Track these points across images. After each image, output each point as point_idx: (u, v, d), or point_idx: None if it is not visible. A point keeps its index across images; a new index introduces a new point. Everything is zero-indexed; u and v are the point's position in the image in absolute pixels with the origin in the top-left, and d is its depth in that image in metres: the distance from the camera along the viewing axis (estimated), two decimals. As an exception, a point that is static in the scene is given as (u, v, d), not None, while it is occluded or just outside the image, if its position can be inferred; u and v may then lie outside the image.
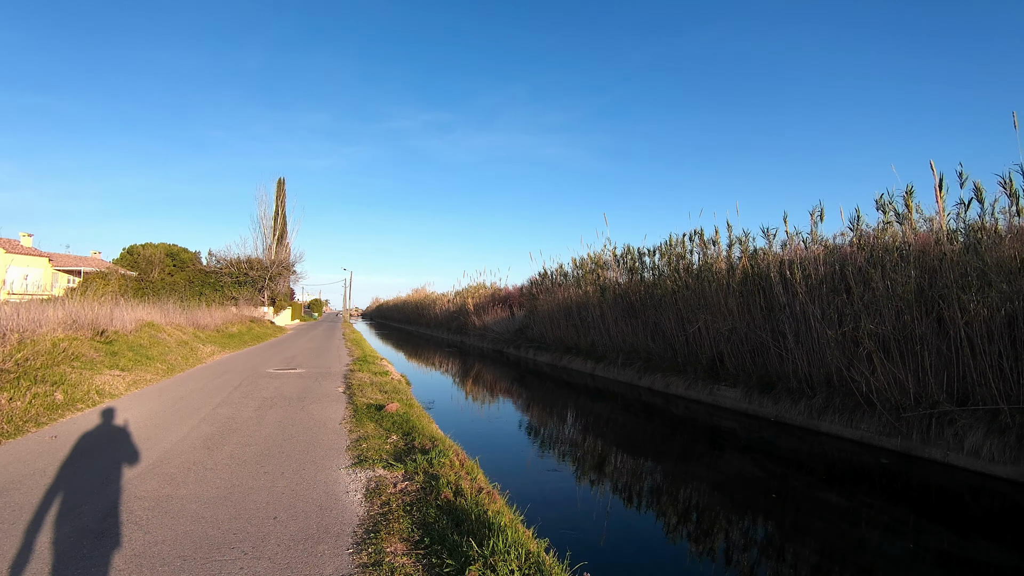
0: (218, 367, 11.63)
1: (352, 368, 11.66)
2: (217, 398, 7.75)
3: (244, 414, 6.68)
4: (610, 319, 16.41)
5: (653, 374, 13.92)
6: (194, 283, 31.65)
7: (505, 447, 7.99)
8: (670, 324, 13.77)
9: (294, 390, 8.64)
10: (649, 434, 9.61)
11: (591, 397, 13.32)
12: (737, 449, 8.63)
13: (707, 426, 10.25)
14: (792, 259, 10.00)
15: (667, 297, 13.78)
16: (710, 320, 12.03)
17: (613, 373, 15.75)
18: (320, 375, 10.65)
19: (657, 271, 14.93)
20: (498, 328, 27.24)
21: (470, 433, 8.55)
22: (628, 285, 15.89)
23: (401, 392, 8.77)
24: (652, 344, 14.79)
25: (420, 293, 53.06)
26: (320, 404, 7.48)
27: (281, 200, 35.28)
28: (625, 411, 11.56)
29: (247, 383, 9.28)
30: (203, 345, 14.23)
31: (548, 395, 13.81)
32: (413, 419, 6.43)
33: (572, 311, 19.05)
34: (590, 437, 9.22)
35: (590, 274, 18.04)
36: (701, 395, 12.15)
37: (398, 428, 6.00)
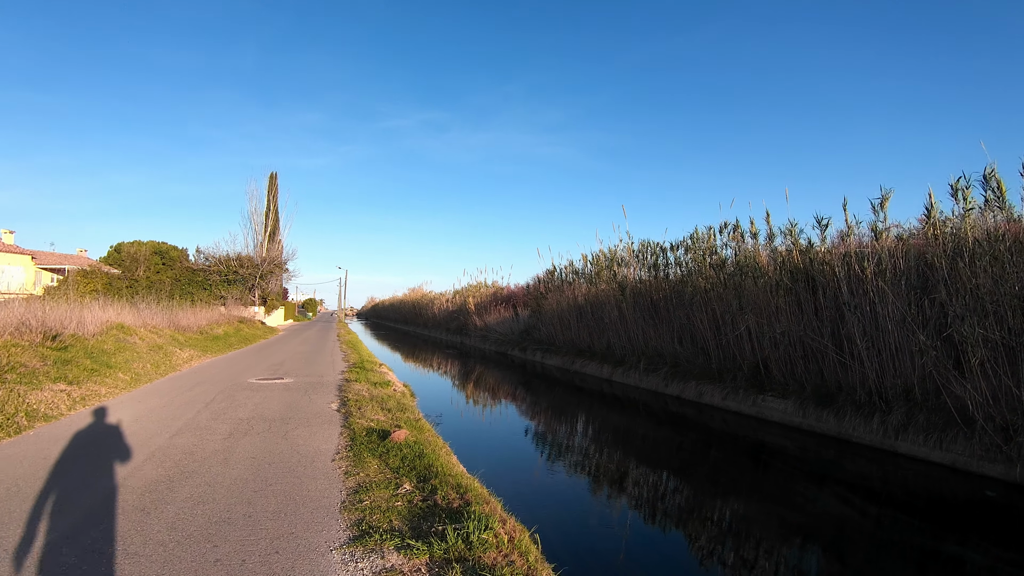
0: (193, 376, 10.03)
1: (348, 377, 10.10)
2: (180, 420, 6.18)
3: (208, 446, 5.13)
4: (630, 320, 14.93)
5: (683, 381, 12.44)
6: (181, 281, 29.89)
7: (545, 488, 6.48)
8: (702, 326, 12.30)
9: (278, 408, 7.08)
10: (714, 459, 8.10)
11: (616, 408, 11.82)
12: (804, 475, 7.16)
13: (757, 444, 8.79)
14: (862, 251, 8.54)
15: (699, 296, 12.32)
16: (754, 322, 10.58)
17: (634, 379, 14.28)
18: (311, 386, 9.09)
19: (684, 267, 13.46)
20: (501, 329, 25.72)
21: (493, 461, 7.03)
22: (651, 283, 14.42)
23: (407, 409, 7.23)
24: (679, 348, 13.33)
25: (417, 292, 51.42)
26: (308, 429, 5.93)
27: (273, 195, 33.57)
28: (661, 426, 10.06)
29: (222, 398, 7.71)
30: (180, 349, 12.61)
31: (568, 406, 12.30)
32: (428, 453, 4.91)
33: (585, 311, 17.56)
34: (637, 463, 7.71)
35: (606, 271, 16.55)
36: (743, 406, 10.70)
37: (410, 469, 4.48)
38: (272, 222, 32.80)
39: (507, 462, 7.22)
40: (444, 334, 36.64)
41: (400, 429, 5.64)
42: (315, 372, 11.01)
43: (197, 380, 9.47)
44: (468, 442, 7.83)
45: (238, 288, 28.29)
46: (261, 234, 31.58)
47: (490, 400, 12.87)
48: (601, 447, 8.62)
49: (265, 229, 32.22)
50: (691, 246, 13.74)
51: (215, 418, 6.35)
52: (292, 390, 8.59)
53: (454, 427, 8.95)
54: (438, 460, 4.78)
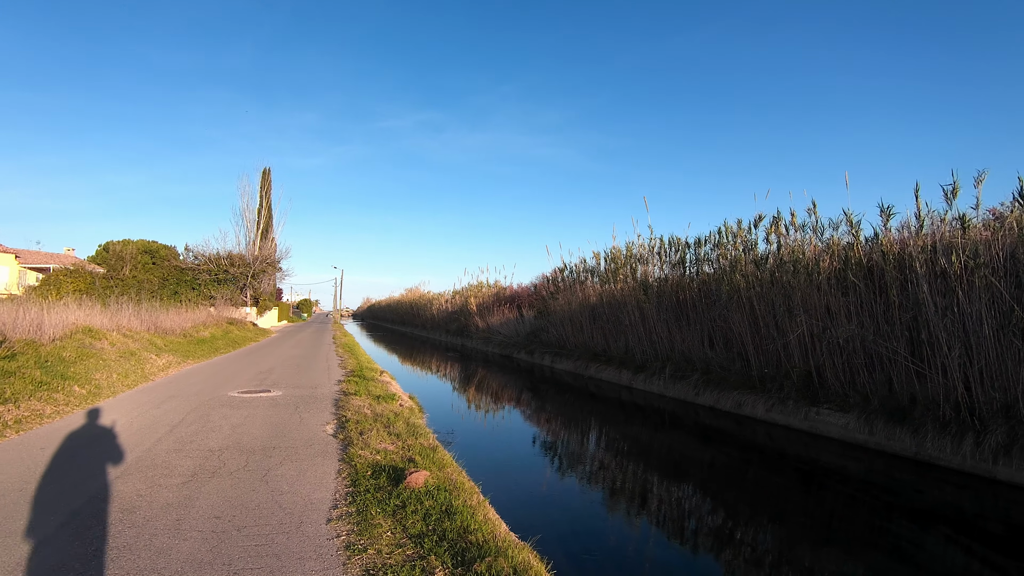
0: (165, 388, 8.62)
1: (345, 388, 8.73)
2: (133, 453, 4.80)
3: (159, 497, 3.76)
4: (653, 322, 13.64)
5: (718, 390, 11.14)
6: (169, 281, 28.33)
7: (595, 530, 5.14)
8: (740, 328, 11.02)
9: (260, 432, 5.70)
10: (777, 484, 6.76)
11: (648, 422, 10.47)
12: (888, 507, 5.85)
13: (813, 463, 7.51)
14: (948, 243, 7.27)
15: (736, 295, 11.03)
16: (806, 324, 9.30)
17: (658, 386, 12.98)
18: (302, 400, 7.72)
19: (716, 264, 12.18)
20: (506, 331, 24.37)
21: (531, 503, 5.69)
22: (677, 281, 13.13)
23: (419, 432, 5.87)
24: (710, 352, 12.04)
25: (415, 293, 49.98)
26: (296, 465, 4.56)
27: (266, 191, 32.03)
28: (708, 444, 8.72)
29: (194, 418, 6.32)
30: (156, 355, 11.18)
31: (591, 419, 10.96)
32: (460, 508, 3.57)
33: (600, 312, 16.25)
34: (700, 497, 6.38)
35: (623, 268, 15.24)
36: (792, 419, 9.41)
37: (439, 537, 3.13)
38: (265, 219, 31.27)
39: (546, 500, 5.88)
40: (444, 336, 35.25)
41: (417, 468, 4.29)
42: (308, 382, 9.63)
43: (169, 393, 8.07)
44: (492, 469, 6.48)
45: (228, 288, 26.78)
46: (253, 232, 30.06)
47: (503, 411, 11.53)
48: (648, 474, 7.28)
49: (257, 227, 30.70)
50: (721, 241, 12.47)
51: (179, 449, 4.97)
52: (280, 406, 7.20)
53: (472, 449, 7.60)
54: (474, 518, 3.44)
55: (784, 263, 10.09)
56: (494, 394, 13.78)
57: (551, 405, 12.24)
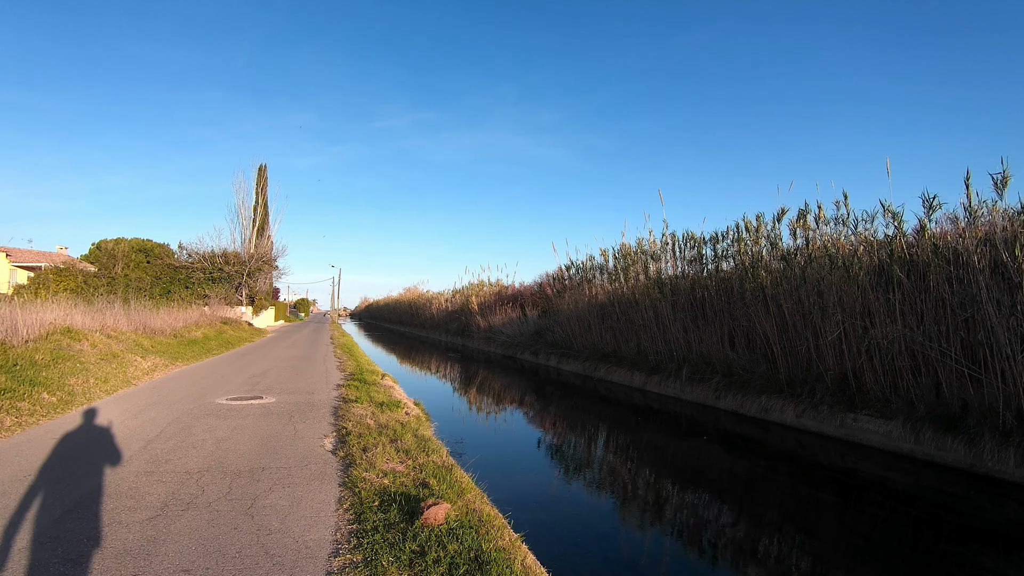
0: (147, 395, 7.85)
1: (345, 394, 7.97)
2: (95, 479, 4.04)
3: (117, 538, 3.01)
4: (668, 321, 12.93)
5: (741, 394, 10.44)
6: (162, 279, 27.49)
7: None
8: (764, 328, 10.32)
9: (248, 449, 4.95)
10: (821, 499, 6.04)
11: (667, 427, 9.73)
12: (961, 528, 5.15)
13: (849, 473, 6.80)
14: (1013, 235, 6.57)
15: (760, 293, 10.33)
16: (841, 324, 8.60)
17: (674, 389, 12.27)
18: (297, 409, 6.96)
19: (738, 260, 11.47)
20: (509, 331, 23.63)
21: (564, 535, 4.96)
22: (694, 279, 12.42)
23: (430, 448, 5.13)
24: (732, 354, 11.34)
25: (413, 292, 49.19)
26: (289, 493, 3.82)
27: (262, 188, 31.17)
28: (743, 454, 7.99)
29: (173, 431, 5.56)
30: (142, 358, 10.39)
31: (605, 423, 10.23)
32: (489, 553, 2.83)
33: (612, 311, 15.54)
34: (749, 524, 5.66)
35: (635, 266, 14.52)
36: (825, 426, 8.72)
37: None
38: (261, 217, 30.43)
39: (583, 531, 5.15)
40: (444, 336, 34.49)
41: (433, 496, 3.55)
42: (304, 386, 8.87)
43: (151, 400, 7.29)
44: (515, 491, 5.75)
45: (223, 287, 25.96)
46: (249, 229, 29.22)
47: (514, 417, 10.80)
48: (688, 493, 6.56)
49: (253, 224, 29.86)
50: (741, 236, 11.78)
51: (151, 471, 4.21)
52: (272, 415, 6.44)
53: (489, 465, 6.85)
54: (511, 569, 2.71)
55: (815, 258, 9.39)
56: (502, 398, 13.05)
57: (563, 410, 11.52)
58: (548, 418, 10.67)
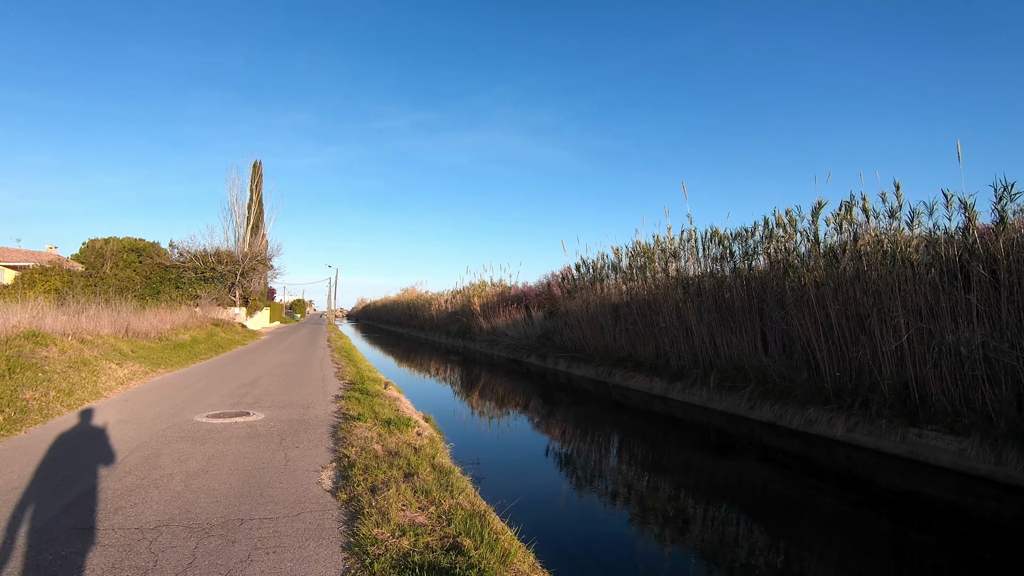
0: (116, 410, 6.77)
1: (346, 408, 6.92)
2: (6, 546, 2.99)
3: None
4: (692, 323, 11.95)
5: (781, 404, 9.45)
6: (152, 279, 26.31)
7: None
8: (807, 331, 9.35)
9: (225, 489, 3.90)
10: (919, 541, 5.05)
11: (704, 443, 8.72)
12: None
13: (923, 499, 5.83)
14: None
15: (802, 293, 9.35)
16: (908, 326, 7.63)
17: (700, 398, 11.28)
18: (290, 429, 5.91)
19: (770, 257, 10.50)
20: (513, 333, 22.60)
21: None
22: (721, 278, 11.45)
23: (454, 486, 4.10)
24: (766, 359, 10.36)
25: (412, 293, 48.08)
26: (274, 563, 2.78)
27: (257, 185, 30.01)
28: (794, 473, 6.98)
29: (135, 462, 4.50)
30: (119, 365, 9.29)
31: (634, 435, 9.21)
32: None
33: (626, 312, 14.54)
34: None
35: (654, 264, 13.52)
36: (883, 442, 7.74)
37: None
38: (255, 214, 29.26)
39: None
40: (444, 338, 33.40)
41: (473, 566, 2.53)
42: (299, 398, 7.81)
43: (118, 417, 6.22)
44: (563, 543, 4.73)
45: (215, 287, 24.81)
46: (243, 227, 28.07)
47: (532, 429, 9.77)
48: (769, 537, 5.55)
49: (247, 222, 28.71)
50: (772, 232, 10.82)
51: (90, 526, 3.15)
52: (260, 437, 5.39)
53: (524, 503, 5.83)
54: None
55: (866, 254, 8.42)
56: (516, 408, 12.01)
57: (587, 423, 10.50)
58: (571, 432, 9.66)
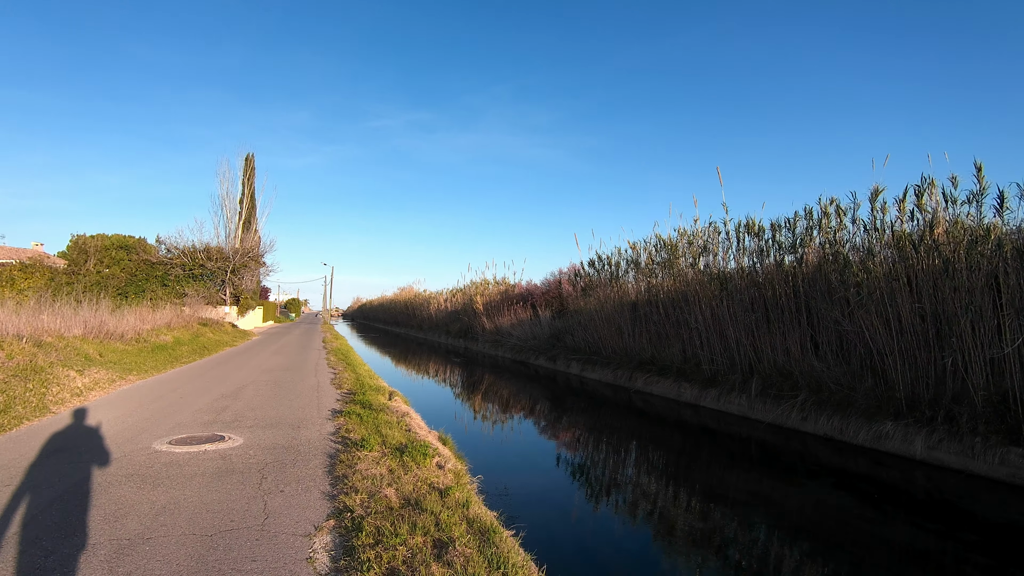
0: (55, 433, 5.43)
1: (346, 429, 5.61)
2: None
3: None
4: (728, 323, 10.72)
5: (840, 416, 8.22)
6: (137, 276, 24.81)
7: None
8: (873, 334, 8.13)
9: (169, 571, 2.60)
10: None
11: (766, 464, 7.44)
12: None
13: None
14: None
15: (878, 290, 8.11)
16: (1017, 327, 6.41)
17: (739, 407, 10.05)
18: (274, 460, 4.60)
19: (827, 250, 9.27)
20: (519, 333, 21.32)
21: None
22: (765, 272, 10.21)
23: (502, 560, 2.82)
24: (819, 364, 9.14)
25: (409, 292, 46.69)
26: None
27: (249, 178, 28.52)
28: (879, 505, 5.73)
29: (51, 521, 3.19)
30: (80, 372, 7.92)
31: (678, 453, 7.92)
32: None
33: (649, 311, 13.30)
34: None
35: (682, 259, 12.27)
36: (975, 463, 6.53)
37: None
38: (247, 209, 27.77)
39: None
40: (444, 338, 32.06)
41: None
42: (288, 414, 6.49)
43: (56, 444, 4.88)
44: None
45: (204, 284, 23.36)
46: (234, 222, 26.59)
47: (553, 444, 8.48)
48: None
49: (239, 217, 27.22)
50: (819, 222, 9.61)
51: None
52: (233, 476, 4.08)
53: (561, 541, 4.55)
54: None
55: (943, 244, 7.20)
56: (534, 417, 10.73)
57: (607, 435, 9.24)
58: (601, 450, 8.38)
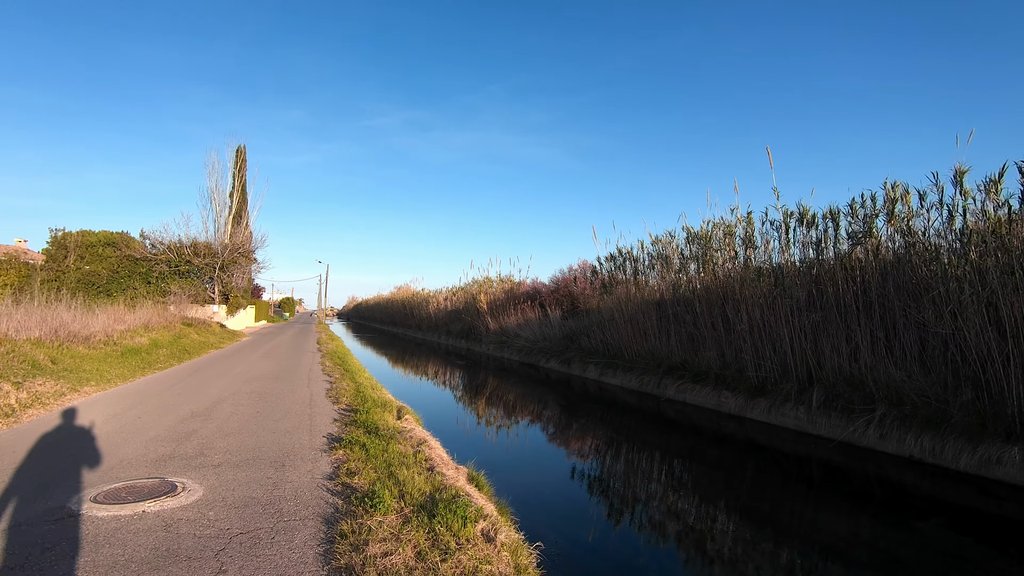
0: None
1: (347, 468, 4.13)
2: None
3: None
4: (782, 323, 9.32)
5: (932, 435, 6.83)
6: (120, 273, 23.16)
7: None
8: (976, 339, 6.74)
9: None
10: None
11: (854, 496, 5.99)
12: None
13: None
14: None
15: (990, 286, 6.73)
16: None
17: (795, 420, 8.66)
18: (242, 530, 3.11)
19: (908, 239, 7.89)
20: (527, 334, 19.87)
21: None
22: (829, 265, 8.81)
23: None
24: (898, 373, 7.75)
25: (407, 291, 45.10)
26: None
27: (240, 170, 26.87)
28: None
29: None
30: (15, 386, 6.36)
31: (761, 486, 6.49)
32: None
33: (683, 310, 11.90)
34: None
35: (721, 252, 10.87)
36: None
37: None
38: (238, 203, 26.12)
39: None
40: (444, 338, 30.54)
41: None
42: (270, 443, 5.00)
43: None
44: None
45: (191, 282, 21.73)
46: (224, 216, 24.94)
47: (599, 471, 7.02)
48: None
49: (230, 211, 25.59)
50: (893, 210, 8.25)
51: None
52: (175, 567, 2.62)
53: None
54: None
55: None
56: (567, 439, 9.29)
57: (644, 449, 7.80)
58: (673, 480, 6.94)
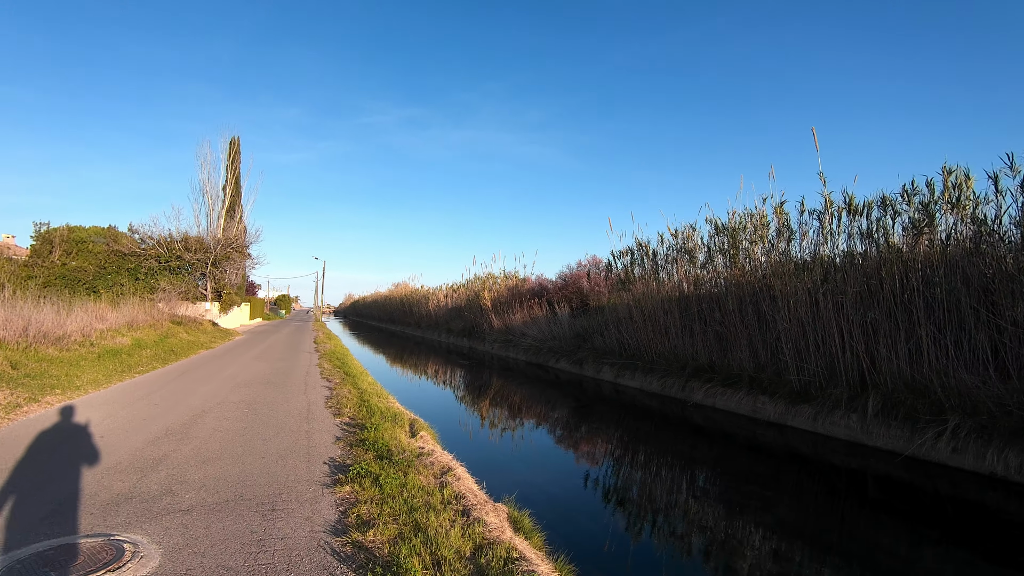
0: None
1: (356, 513, 3.16)
2: None
3: None
4: (832, 322, 8.40)
5: (1019, 451, 5.95)
6: (107, 269, 22.03)
7: None
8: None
9: None
10: None
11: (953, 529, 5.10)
12: None
13: None
14: None
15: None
16: None
17: (846, 429, 7.74)
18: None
19: (983, 227, 6.99)
20: (534, 333, 18.92)
21: None
22: (886, 257, 7.89)
23: None
24: (970, 379, 6.84)
25: (405, 288, 44.03)
26: None
27: (234, 162, 25.74)
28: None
29: None
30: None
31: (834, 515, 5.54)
32: None
33: (710, 308, 10.98)
34: None
35: (756, 245, 9.95)
36: None
37: None
38: (231, 196, 24.99)
39: None
40: (444, 337, 29.54)
41: None
42: (259, 472, 4.03)
43: None
44: None
45: (182, 278, 20.64)
46: (217, 209, 23.84)
47: (631, 491, 6.07)
48: None
49: (223, 204, 24.47)
50: (956, 199, 7.34)
51: None
52: None
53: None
54: None
55: None
56: (613, 456, 8.33)
57: (698, 467, 6.86)
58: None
